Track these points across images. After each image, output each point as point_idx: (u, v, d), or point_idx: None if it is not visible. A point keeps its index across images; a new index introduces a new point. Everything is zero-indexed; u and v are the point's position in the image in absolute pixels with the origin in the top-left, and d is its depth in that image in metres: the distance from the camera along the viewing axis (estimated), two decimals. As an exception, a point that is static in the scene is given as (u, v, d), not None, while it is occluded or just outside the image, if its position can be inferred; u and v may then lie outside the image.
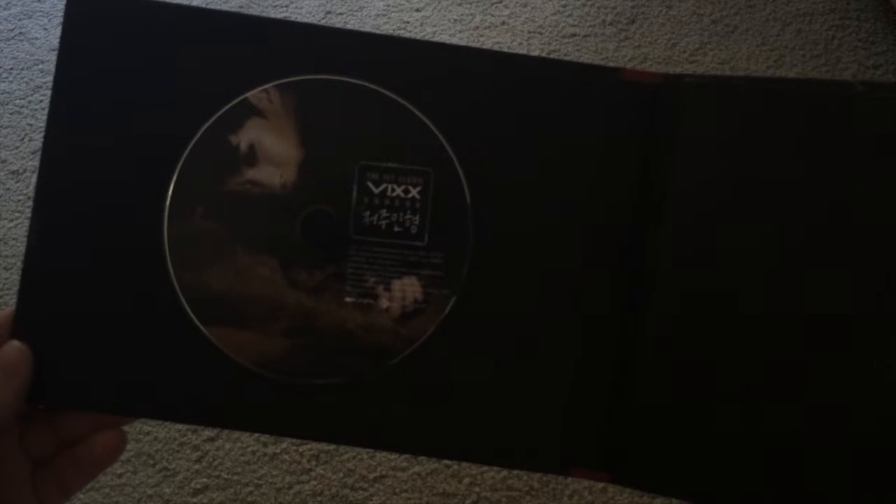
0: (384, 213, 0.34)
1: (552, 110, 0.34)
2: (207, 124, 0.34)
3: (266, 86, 0.34)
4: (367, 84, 0.34)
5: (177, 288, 0.33)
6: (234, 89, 0.34)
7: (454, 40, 1.13)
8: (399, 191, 0.34)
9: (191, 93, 0.34)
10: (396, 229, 0.34)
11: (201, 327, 0.33)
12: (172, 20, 0.34)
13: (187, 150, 0.33)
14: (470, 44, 1.13)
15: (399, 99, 0.34)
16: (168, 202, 0.33)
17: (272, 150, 0.34)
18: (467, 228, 0.34)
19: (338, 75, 0.34)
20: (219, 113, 0.34)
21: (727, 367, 0.32)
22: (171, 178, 0.34)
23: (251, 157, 0.34)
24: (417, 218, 0.34)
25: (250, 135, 0.34)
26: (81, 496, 0.86)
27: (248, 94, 0.34)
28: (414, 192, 0.34)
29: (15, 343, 0.32)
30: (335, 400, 0.34)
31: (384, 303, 0.34)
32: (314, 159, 0.34)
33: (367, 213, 0.34)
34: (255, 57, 0.34)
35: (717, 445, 0.32)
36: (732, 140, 0.33)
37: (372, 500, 0.86)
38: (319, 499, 0.86)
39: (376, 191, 0.34)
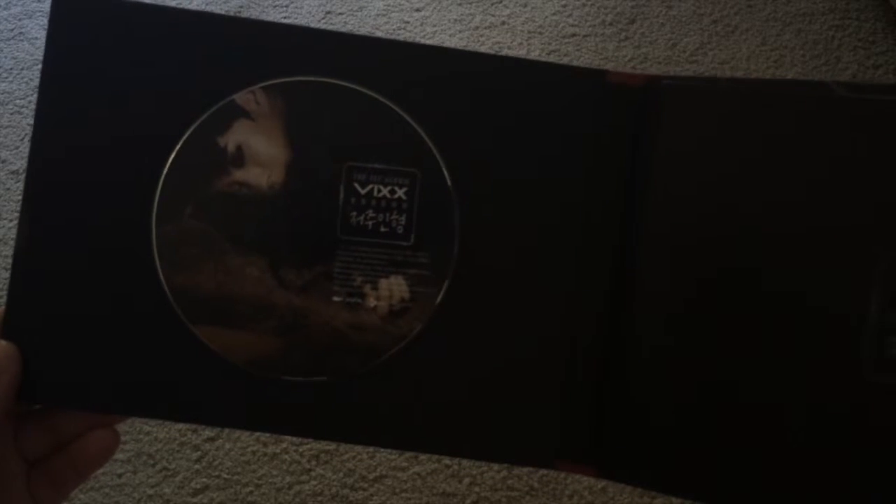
0: (371, 213, 0.34)
1: (537, 112, 0.34)
2: (195, 125, 0.34)
3: (253, 87, 0.34)
4: (353, 86, 0.34)
5: (165, 288, 0.34)
6: (221, 91, 0.34)
7: (454, 40, 1.13)
8: (385, 191, 0.34)
9: (178, 94, 0.34)
10: (383, 229, 0.34)
11: (190, 327, 0.34)
12: (159, 21, 0.34)
13: (175, 151, 0.34)
14: (470, 44, 1.13)
15: (385, 101, 0.34)
16: (156, 202, 0.34)
17: (259, 151, 0.34)
18: (453, 228, 0.34)
19: (324, 77, 0.34)
20: (206, 114, 0.34)
21: (715, 364, 0.32)
22: (158, 179, 0.34)
23: (238, 158, 0.34)
24: (403, 218, 0.34)
25: (237, 136, 0.34)
26: (81, 496, 0.87)
27: (235, 96, 0.34)
28: (400, 193, 0.34)
29: (1, 342, 0.33)
30: (325, 397, 0.34)
31: (371, 301, 0.34)
32: (301, 160, 0.34)
33: (354, 213, 0.34)
34: (242, 58, 0.34)
35: (707, 441, 0.32)
36: (710, 141, 0.33)
37: (372, 500, 0.86)
38: (319, 499, 0.86)
39: (363, 191, 0.34)
